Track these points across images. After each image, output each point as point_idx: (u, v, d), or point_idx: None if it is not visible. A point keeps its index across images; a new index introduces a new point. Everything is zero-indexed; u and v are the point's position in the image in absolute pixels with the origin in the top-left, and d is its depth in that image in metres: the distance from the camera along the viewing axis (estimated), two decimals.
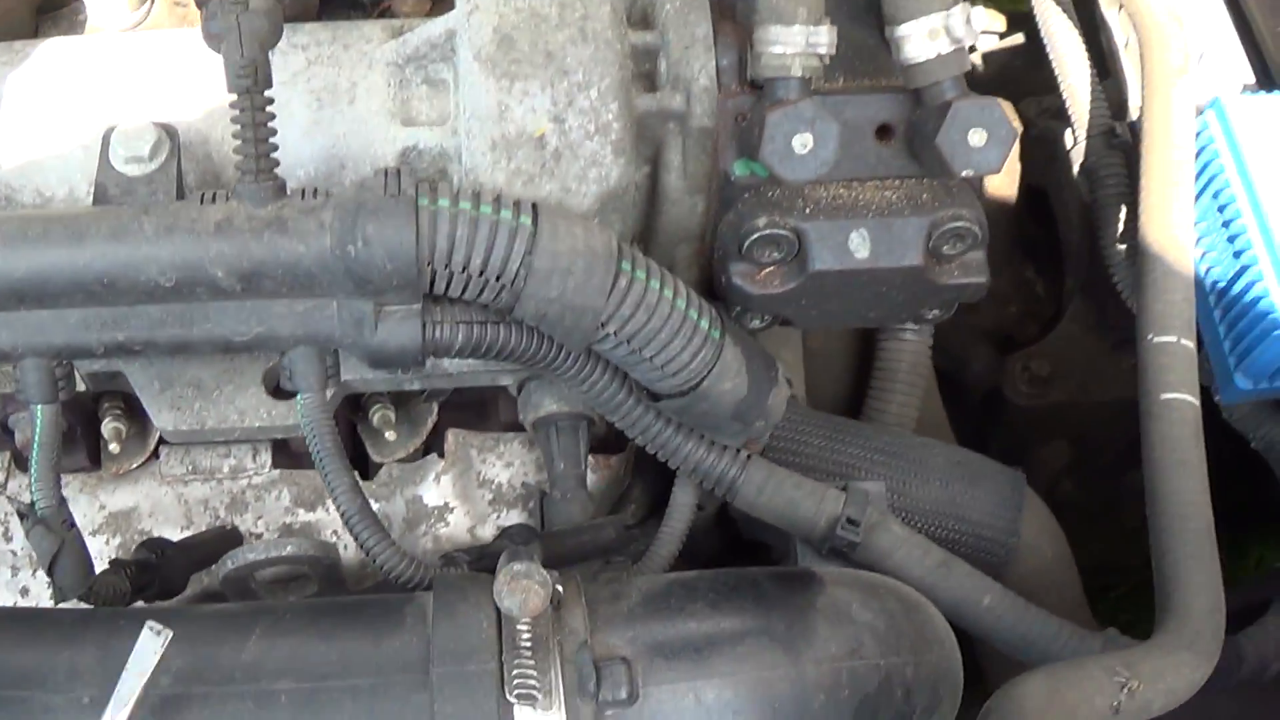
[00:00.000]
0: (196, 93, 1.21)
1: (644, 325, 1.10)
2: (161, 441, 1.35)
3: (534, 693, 1.00)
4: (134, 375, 1.24)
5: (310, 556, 1.22)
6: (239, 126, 1.09)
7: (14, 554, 1.34)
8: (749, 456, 1.24)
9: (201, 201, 1.10)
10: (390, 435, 1.33)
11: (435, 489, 1.36)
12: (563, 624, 1.05)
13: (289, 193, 1.11)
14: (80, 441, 1.37)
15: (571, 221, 1.09)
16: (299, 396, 1.14)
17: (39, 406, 1.13)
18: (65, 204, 1.20)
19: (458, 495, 1.35)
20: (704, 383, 1.13)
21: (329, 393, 1.16)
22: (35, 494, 1.12)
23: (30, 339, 1.12)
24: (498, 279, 1.08)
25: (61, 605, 1.13)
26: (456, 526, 1.35)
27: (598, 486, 1.37)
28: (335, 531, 1.34)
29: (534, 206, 1.09)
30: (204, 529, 1.32)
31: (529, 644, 1.02)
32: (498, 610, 1.04)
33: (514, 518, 1.35)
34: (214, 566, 1.25)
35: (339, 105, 1.21)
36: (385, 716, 1.00)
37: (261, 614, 1.07)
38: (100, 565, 1.18)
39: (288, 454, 1.37)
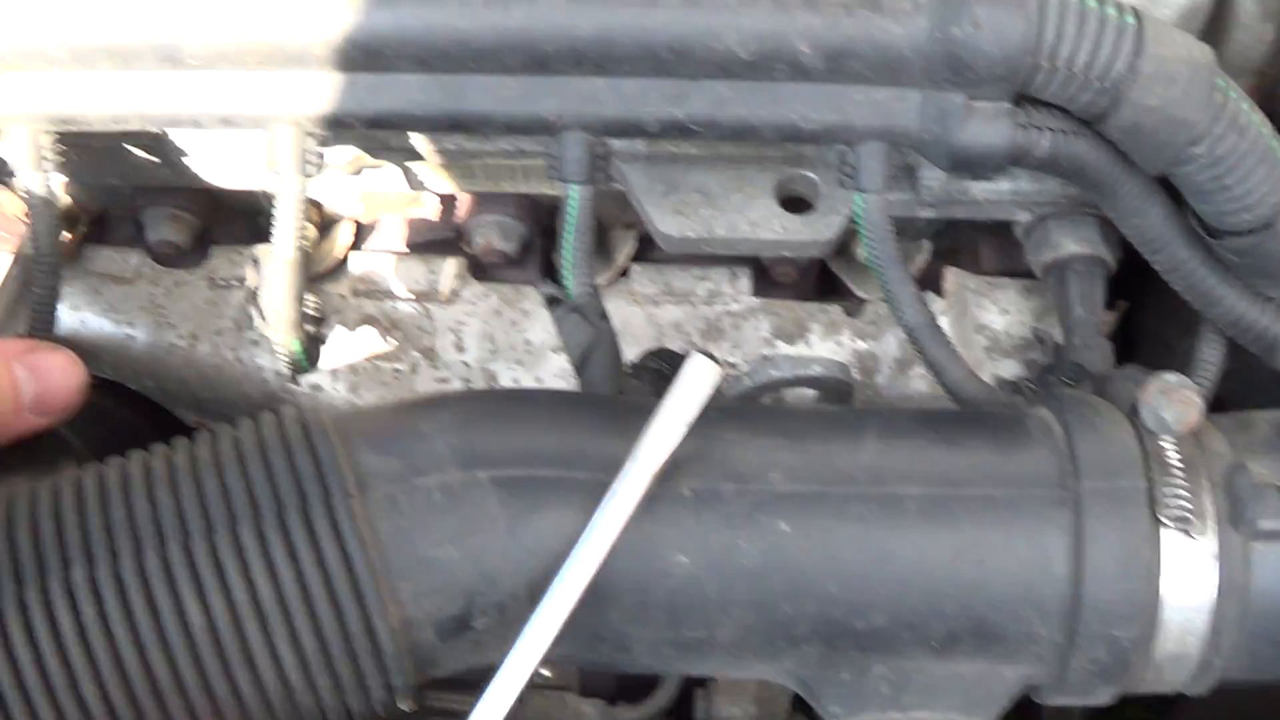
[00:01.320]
0: None
1: (1233, 148, 0.99)
2: (636, 258, 1.26)
3: (1189, 515, 0.90)
4: (634, 178, 1.14)
5: (835, 379, 1.11)
6: None
7: (466, 365, 1.24)
8: None
9: None
10: None
11: None
12: (1203, 447, 0.95)
13: None
14: (536, 253, 1.28)
15: (1170, 29, 0.99)
16: (858, 196, 1.04)
17: (575, 187, 1.03)
18: None
19: (955, 339, 1.24)
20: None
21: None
22: (570, 280, 1.03)
23: (580, 108, 1.02)
24: (1100, 79, 0.97)
25: None
26: None
27: None
28: None
29: (1134, 9, 0.98)
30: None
31: (1180, 463, 0.92)
32: (1135, 428, 0.94)
33: (1009, 368, 1.24)
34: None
35: None
36: (1025, 529, 0.90)
37: (869, 416, 0.98)
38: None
39: (768, 281, 1.27)
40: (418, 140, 1.15)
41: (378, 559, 0.88)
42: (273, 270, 1.06)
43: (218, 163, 1.18)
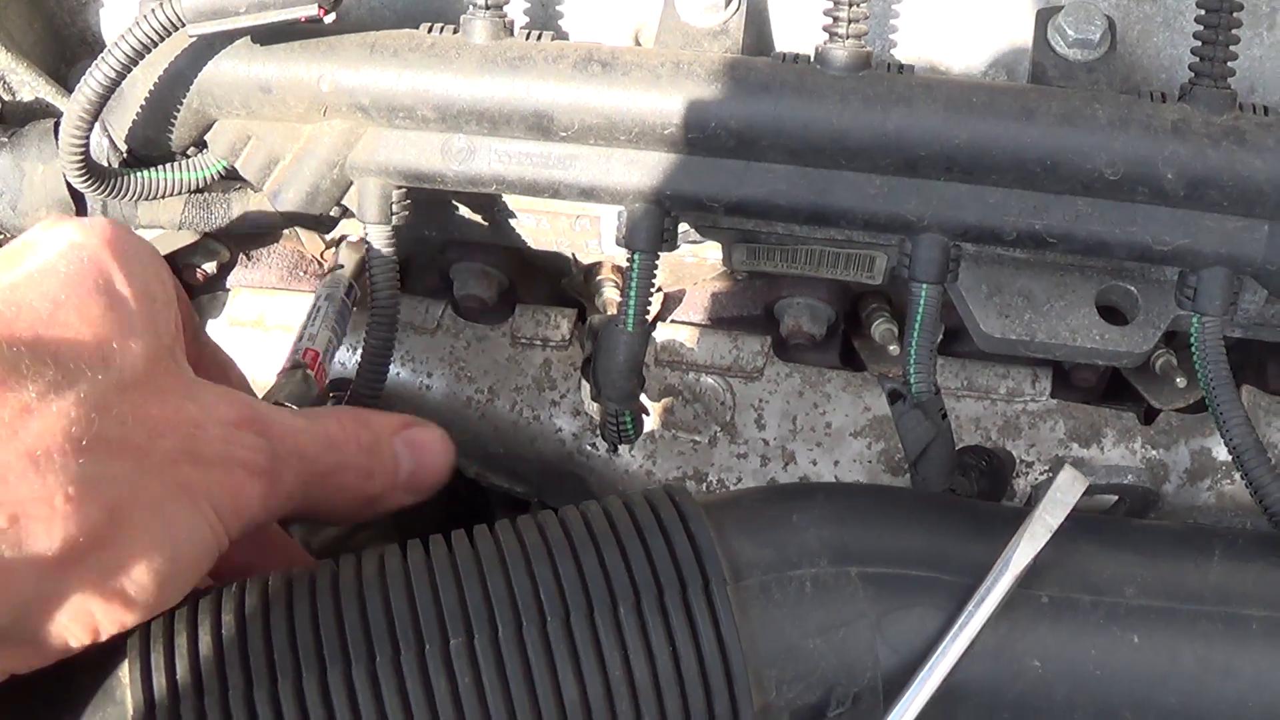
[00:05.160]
0: None
1: None
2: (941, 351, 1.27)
3: None
4: (960, 276, 1.16)
5: (1144, 489, 1.13)
6: (1201, 28, 1.03)
7: (765, 443, 1.26)
8: None
9: (1151, 99, 1.03)
10: (1180, 382, 1.23)
11: None
12: None
13: (1239, 106, 1.03)
14: (838, 337, 1.30)
15: None
16: (1195, 318, 1.06)
17: (926, 286, 1.05)
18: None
19: None
20: None
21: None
22: (914, 377, 1.04)
23: (942, 212, 1.05)
24: None
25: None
26: (1241, 485, 1.24)
27: None
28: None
29: None
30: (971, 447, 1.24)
31: None
32: None
33: None
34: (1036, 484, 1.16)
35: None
36: None
37: (1214, 537, 0.99)
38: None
39: (1066, 383, 1.29)
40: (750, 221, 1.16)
41: (749, 646, 0.89)
42: (615, 342, 1.07)
43: (541, 225, 1.20)
